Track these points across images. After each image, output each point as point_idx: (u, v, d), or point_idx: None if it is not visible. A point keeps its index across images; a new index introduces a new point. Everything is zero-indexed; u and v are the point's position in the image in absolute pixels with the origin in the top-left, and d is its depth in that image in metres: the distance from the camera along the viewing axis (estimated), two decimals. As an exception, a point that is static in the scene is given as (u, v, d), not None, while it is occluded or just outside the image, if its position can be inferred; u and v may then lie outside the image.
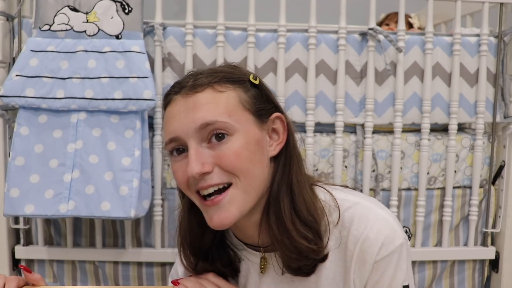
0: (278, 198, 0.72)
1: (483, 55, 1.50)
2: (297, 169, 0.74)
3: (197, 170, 0.66)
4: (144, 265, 1.49)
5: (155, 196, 1.43)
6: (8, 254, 1.44)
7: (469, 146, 1.55)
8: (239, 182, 0.68)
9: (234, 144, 0.68)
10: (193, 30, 1.43)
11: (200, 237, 0.78)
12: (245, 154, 0.68)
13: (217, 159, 0.68)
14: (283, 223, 0.71)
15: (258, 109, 0.72)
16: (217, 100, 0.69)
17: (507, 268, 1.55)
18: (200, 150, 0.68)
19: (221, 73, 0.72)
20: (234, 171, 0.68)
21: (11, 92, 1.27)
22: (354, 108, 1.49)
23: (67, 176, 1.26)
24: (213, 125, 0.67)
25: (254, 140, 0.70)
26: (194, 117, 0.68)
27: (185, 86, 0.70)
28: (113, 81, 1.29)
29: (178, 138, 0.69)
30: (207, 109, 0.68)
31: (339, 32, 1.45)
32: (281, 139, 0.74)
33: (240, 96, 0.71)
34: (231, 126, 0.68)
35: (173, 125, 0.69)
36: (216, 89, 0.69)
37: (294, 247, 0.70)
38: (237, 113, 0.69)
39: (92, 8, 1.35)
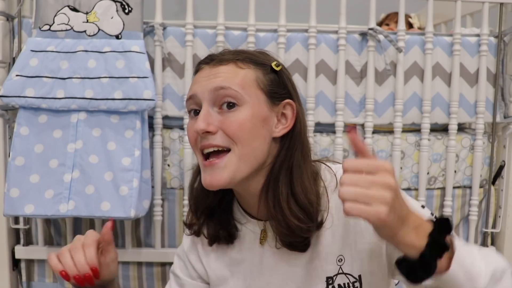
0: (277, 178, 0.78)
1: (483, 55, 1.50)
2: (299, 155, 0.79)
3: (202, 127, 0.74)
4: (144, 265, 1.49)
5: (155, 196, 1.43)
6: (8, 254, 1.44)
7: (469, 146, 1.55)
8: (237, 149, 0.75)
9: (241, 114, 0.75)
10: (193, 30, 1.43)
11: (204, 195, 0.84)
12: (248, 125, 0.75)
13: (222, 123, 0.75)
14: (279, 201, 0.77)
15: (272, 92, 0.79)
16: (236, 73, 0.77)
17: (507, 268, 1.55)
18: (210, 112, 0.76)
19: (247, 54, 0.81)
20: (234, 137, 0.74)
21: (11, 92, 1.27)
22: (354, 108, 1.49)
23: (67, 176, 1.26)
24: (225, 90, 0.75)
25: (260, 116, 0.77)
26: (212, 81, 0.76)
27: (214, 59, 0.80)
28: (113, 81, 1.29)
29: (195, 96, 0.77)
30: (225, 77, 0.76)
31: (339, 32, 1.45)
32: (288, 124, 0.80)
33: (257, 76, 0.78)
34: (241, 97, 0.75)
35: (195, 86, 0.79)
36: (238, 65, 0.78)
37: (286, 224, 0.76)
38: (250, 88, 0.77)
39: (92, 8, 1.35)
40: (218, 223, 0.85)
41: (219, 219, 0.86)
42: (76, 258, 0.78)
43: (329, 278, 0.79)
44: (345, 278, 0.78)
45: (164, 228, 1.48)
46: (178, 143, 1.46)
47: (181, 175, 1.46)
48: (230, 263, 0.86)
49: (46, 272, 1.50)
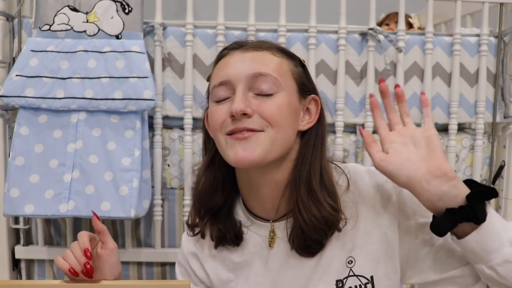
0: (310, 171, 0.77)
1: (483, 55, 1.50)
2: (323, 149, 0.80)
3: (241, 107, 0.71)
4: (144, 265, 1.49)
5: (155, 196, 1.43)
6: (8, 254, 1.44)
7: (469, 146, 1.55)
8: (271, 131, 0.73)
9: (278, 100, 0.74)
10: (193, 30, 1.43)
11: (211, 195, 0.82)
12: (285, 111, 0.74)
13: (259, 107, 0.73)
14: (315, 194, 0.76)
15: (302, 84, 0.79)
16: (273, 60, 0.76)
17: (507, 268, 1.55)
18: (247, 95, 0.74)
19: (278, 45, 0.80)
20: (271, 120, 0.73)
21: (11, 92, 1.27)
22: (354, 108, 1.49)
23: (67, 176, 1.26)
24: (265, 77, 0.73)
25: (293, 105, 0.76)
26: (250, 66, 0.74)
27: (245, 45, 0.78)
28: (113, 81, 1.29)
29: (228, 81, 0.74)
30: (264, 63, 0.75)
31: (339, 32, 1.45)
32: (312, 119, 0.80)
33: (291, 66, 0.79)
34: (279, 83, 0.74)
35: (227, 70, 0.75)
36: (273, 53, 0.77)
37: (322, 216, 0.75)
38: (286, 76, 0.77)
39: (92, 8, 1.35)
40: (224, 224, 0.83)
41: (224, 220, 0.83)
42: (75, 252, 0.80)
43: (339, 281, 0.77)
44: (356, 280, 0.77)
45: (164, 228, 1.48)
46: (178, 143, 1.46)
47: (181, 175, 1.46)
48: (234, 267, 0.84)
49: (46, 272, 1.50)
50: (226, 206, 0.84)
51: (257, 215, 0.83)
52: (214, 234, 0.84)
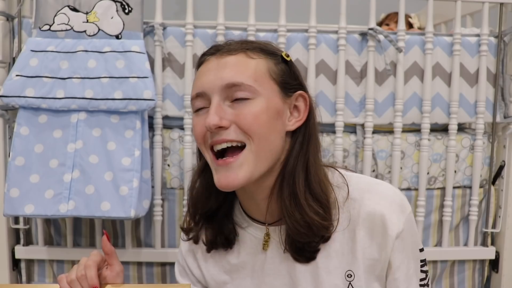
0: (293, 173, 0.74)
1: (483, 55, 1.50)
2: (314, 149, 0.77)
3: (215, 122, 0.69)
4: (144, 265, 1.49)
5: (155, 196, 1.43)
6: (8, 254, 1.44)
7: (469, 146, 1.55)
8: (253, 144, 0.71)
9: (255, 107, 0.71)
10: (193, 30, 1.43)
11: (205, 199, 0.81)
12: (263, 118, 0.71)
13: (236, 117, 0.71)
14: (297, 197, 0.73)
15: (284, 82, 0.75)
16: (247, 64, 0.73)
17: (507, 268, 1.55)
18: (221, 105, 0.71)
19: (256, 43, 0.77)
20: (250, 131, 0.70)
21: (11, 92, 1.27)
22: (354, 108, 1.49)
23: (67, 176, 1.26)
24: (238, 86, 0.71)
25: (274, 108, 0.73)
26: (222, 76, 0.71)
27: (220, 49, 0.75)
28: (113, 81, 1.29)
29: (203, 93, 0.73)
30: (236, 70, 0.72)
31: (339, 32, 1.45)
32: (301, 116, 0.77)
33: (269, 66, 0.74)
34: (255, 90, 0.71)
35: (202, 80, 0.74)
36: (248, 55, 0.74)
37: (305, 221, 0.72)
38: (263, 80, 0.73)
39: (92, 8, 1.35)
40: (217, 227, 0.82)
41: (218, 223, 0.82)
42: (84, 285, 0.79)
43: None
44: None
45: (164, 228, 1.48)
46: (178, 143, 1.46)
47: (181, 175, 1.46)
48: (230, 269, 0.84)
49: (46, 272, 1.50)
50: (222, 209, 0.83)
51: (253, 217, 0.82)
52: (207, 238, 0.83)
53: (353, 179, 0.78)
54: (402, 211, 0.74)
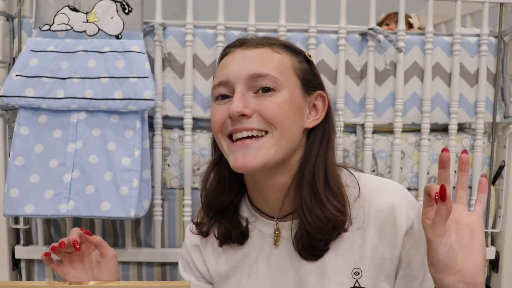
0: (313, 171, 0.75)
1: (483, 55, 1.50)
2: (332, 149, 0.78)
3: (239, 108, 0.70)
4: (144, 265, 1.49)
5: (155, 196, 1.43)
6: (8, 254, 1.44)
7: (469, 146, 1.55)
8: (275, 132, 0.72)
9: (278, 98, 0.72)
10: (193, 30, 1.43)
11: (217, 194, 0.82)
12: (286, 109, 0.72)
13: (259, 106, 0.71)
14: (318, 194, 0.74)
15: (306, 80, 0.77)
16: (273, 57, 0.74)
17: (507, 268, 1.55)
18: (245, 95, 0.72)
19: (281, 40, 0.79)
20: (273, 120, 0.71)
21: (11, 92, 1.27)
22: (354, 108, 1.49)
23: (67, 176, 1.26)
24: (264, 77, 0.72)
25: (296, 102, 0.74)
26: (248, 66, 0.72)
27: (247, 42, 0.77)
28: (113, 81, 1.29)
29: (228, 81, 0.73)
30: (262, 62, 0.73)
31: (339, 32, 1.45)
32: (319, 115, 0.78)
33: (293, 62, 0.76)
34: (280, 82, 0.73)
35: (227, 69, 0.74)
36: (274, 49, 0.75)
37: (326, 217, 0.73)
38: (288, 73, 0.74)
39: (92, 8, 1.35)
40: (230, 222, 0.83)
41: (230, 218, 0.83)
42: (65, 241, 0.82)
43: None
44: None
45: (164, 228, 1.48)
46: (178, 143, 1.46)
47: (181, 175, 1.46)
48: (236, 263, 0.84)
49: (46, 272, 1.50)
50: (233, 204, 0.84)
51: (262, 211, 0.82)
52: (220, 232, 0.84)
53: (362, 178, 0.80)
54: (411, 207, 0.76)
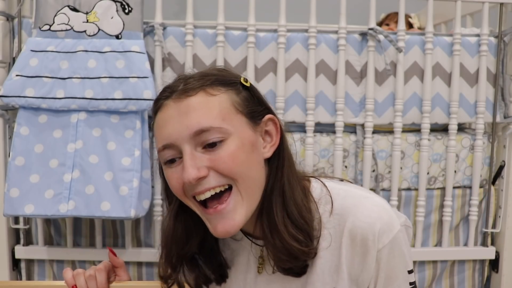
0: (270, 200, 0.72)
1: (483, 55, 1.50)
2: (288, 171, 0.74)
3: (193, 175, 0.66)
4: (144, 265, 1.49)
5: (155, 196, 1.43)
6: (8, 254, 1.44)
7: (469, 146, 1.55)
8: (238, 185, 0.68)
9: (229, 147, 0.67)
10: (193, 30, 1.43)
11: (184, 243, 0.77)
12: (241, 157, 0.68)
13: (212, 162, 0.67)
14: (275, 225, 0.70)
15: (251, 111, 0.72)
16: (210, 104, 0.68)
17: (507, 268, 1.55)
18: (194, 154, 0.67)
19: (212, 76, 0.71)
20: (231, 174, 0.67)
21: (11, 92, 1.27)
22: (354, 108, 1.49)
23: (67, 176, 1.26)
24: (207, 131, 0.66)
25: (248, 142, 0.69)
26: (188, 123, 0.67)
27: (176, 90, 0.69)
28: (113, 81, 1.29)
29: (172, 144, 0.68)
30: (201, 114, 0.67)
31: (339, 32, 1.45)
32: (274, 141, 0.74)
33: (232, 99, 0.70)
34: (226, 130, 0.67)
35: (167, 131, 0.68)
36: (208, 92, 0.69)
37: (285, 249, 0.70)
38: (231, 116, 0.69)
39: (92, 8, 1.35)
40: (207, 265, 0.79)
41: (207, 260, 0.79)
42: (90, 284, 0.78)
43: None
44: None
45: (164, 228, 1.48)
46: (178, 143, 1.46)
47: (181, 175, 1.46)
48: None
49: (46, 272, 1.50)
50: (206, 245, 0.79)
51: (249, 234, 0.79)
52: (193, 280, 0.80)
53: (340, 192, 0.75)
54: (386, 229, 0.70)
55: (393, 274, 0.71)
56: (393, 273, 0.71)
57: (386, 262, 0.71)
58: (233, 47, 1.45)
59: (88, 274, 0.79)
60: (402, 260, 0.72)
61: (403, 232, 0.72)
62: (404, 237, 0.72)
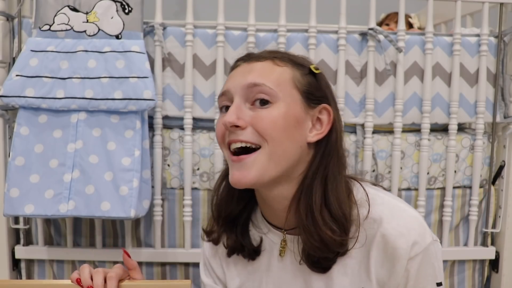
0: (311, 187, 0.74)
1: (483, 55, 1.50)
2: (335, 165, 0.76)
3: (231, 120, 0.71)
4: (144, 265, 1.49)
5: (155, 196, 1.43)
6: (8, 254, 1.44)
7: (469, 146, 1.55)
8: (267, 147, 0.72)
9: (274, 111, 0.72)
10: (193, 30, 1.43)
11: (227, 202, 0.82)
12: (280, 123, 0.72)
13: (253, 119, 0.72)
14: (312, 212, 0.73)
15: (308, 93, 0.76)
16: (272, 70, 0.75)
17: (507, 268, 1.55)
18: (241, 106, 0.73)
19: (286, 54, 0.79)
20: (265, 135, 0.71)
21: (11, 92, 1.27)
22: (354, 108, 1.49)
23: (67, 176, 1.26)
24: (259, 87, 0.72)
25: (294, 116, 0.73)
26: (247, 77, 0.74)
27: (252, 56, 0.78)
28: (113, 81, 1.29)
29: (227, 92, 0.75)
30: (260, 73, 0.74)
31: (339, 32, 1.45)
32: (322, 129, 0.76)
33: (294, 75, 0.75)
34: (276, 94, 0.72)
35: (228, 82, 0.77)
36: (275, 62, 0.76)
37: (319, 236, 0.72)
38: (286, 86, 0.74)
39: (92, 8, 1.35)
40: (242, 236, 0.83)
41: (241, 232, 0.83)
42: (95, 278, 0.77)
43: None
44: None
45: (164, 228, 1.48)
46: (178, 143, 1.46)
47: (181, 175, 1.46)
48: (248, 271, 0.85)
49: (46, 272, 1.50)
50: (243, 217, 0.84)
51: (271, 222, 0.82)
52: (230, 243, 0.84)
53: (376, 198, 0.77)
54: (419, 240, 0.73)
55: (421, 286, 0.74)
56: (422, 284, 0.74)
57: (416, 272, 0.73)
58: (233, 47, 1.45)
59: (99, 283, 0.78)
60: (431, 272, 0.74)
61: (434, 245, 0.75)
62: (435, 250, 0.75)
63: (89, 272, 0.78)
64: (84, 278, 0.77)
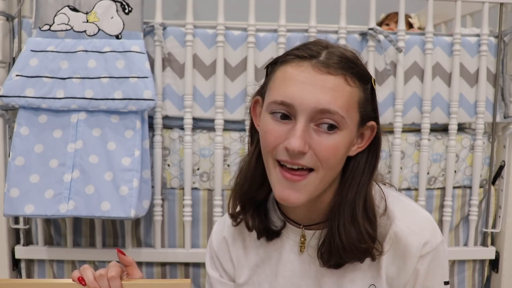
0: (355, 198, 0.74)
1: (483, 55, 1.50)
2: (372, 177, 0.76)
3: (299, 147, 0.67)
4: (144, 265, 1.49)
5: (155, 196, 1.43)
6: (8, 254, 1.44)
7: (469, 146, 1.55)
8: (321, 171, 0.70)
9: (337, 139, 0.69)
10: (193, 30, 1.43)
11: (258, 186, 0.79)
12: (340, 152, 0.70)
13: (317, 146, 0.68)
14: (357, 222, 0.73)
15: (365, 113, 0.73)
16: (345, 92, 0.69)
17: (507, 268, 1.55)
18: (308, 128, 0.68)
19: (355, 66, 0.71)
20: (324, 162, 0.69)
21: (11, 92, 1.27)
22: (354, 108, 1.48)
23: (67, 176, 1.26)
24: (332, 114, 0.67)
25: (350, 140, 0.72)
26: (319, 98, 0.67)
27: (316, 56, 0.70)
28: (113, 81, 1.29)
29: (293, 105, 0.68)
30: (334, 97, 0.68)
31: (339, 32, 1.45)
32: (363, 144, 0.75)
33: (360, 96, 0.71)
34: (344, 122, 0.69)
35: (293, 91, 0.68)
36: (347, 81, 0.69)
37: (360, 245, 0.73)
38: (352, 112, 0.70)
39: (92, 8, 1.35)
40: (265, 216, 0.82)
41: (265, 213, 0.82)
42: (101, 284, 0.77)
43: None
44: None
45: (164, 228, 1.48)
46: (178, 143, 1.46)
47: (181, 175, 1.46)
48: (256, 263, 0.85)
49: (46, 272, 1.50)
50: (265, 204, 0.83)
51: (289, 217, 0.82)
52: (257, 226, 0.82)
53: (391, 197, 0.78)
54: (431, 239, 0.74)
55: (431, 283, 0.75)
56: (431, 282, 0.75)
57: (425, 270, 0.74)
58: (233, 47, 1.45)
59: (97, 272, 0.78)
60: (440, 271, 0.76)
61: (443, 244, 0.77)
62: (445, 249, 0.77)
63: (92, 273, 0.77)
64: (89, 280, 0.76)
